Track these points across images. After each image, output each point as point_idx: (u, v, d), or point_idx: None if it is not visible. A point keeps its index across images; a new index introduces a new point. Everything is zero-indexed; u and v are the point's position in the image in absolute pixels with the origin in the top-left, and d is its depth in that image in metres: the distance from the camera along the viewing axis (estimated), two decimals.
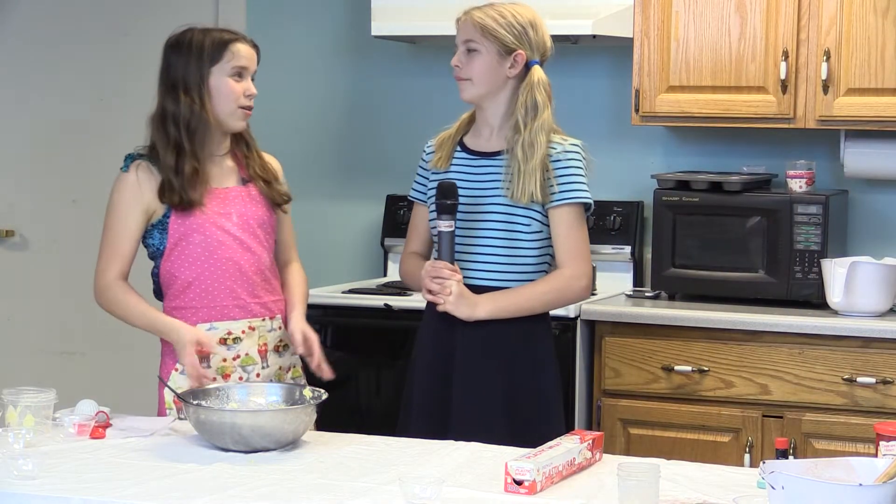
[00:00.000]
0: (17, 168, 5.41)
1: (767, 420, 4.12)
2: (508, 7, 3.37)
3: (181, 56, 3.38)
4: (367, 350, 4.40)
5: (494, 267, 3.33)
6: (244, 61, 3.34)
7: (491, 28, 3.31)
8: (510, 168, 3.31)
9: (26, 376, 4.08)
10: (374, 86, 5.13)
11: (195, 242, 3.31)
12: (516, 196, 3.29)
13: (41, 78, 5.39)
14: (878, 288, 4.14)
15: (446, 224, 3.28)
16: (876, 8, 4.22)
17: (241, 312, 3.34)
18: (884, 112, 4.23)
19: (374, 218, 5.06)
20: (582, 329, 4.25)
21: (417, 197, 3.51)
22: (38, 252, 5.42)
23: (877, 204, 4.58)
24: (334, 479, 2.74)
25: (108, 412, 3.13)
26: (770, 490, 2.35)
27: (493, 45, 3.31)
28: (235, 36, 3.38)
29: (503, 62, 3.32)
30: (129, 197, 3.34)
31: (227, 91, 3.32)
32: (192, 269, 3.32)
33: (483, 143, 3.40)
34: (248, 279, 3.35)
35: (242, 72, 3.34)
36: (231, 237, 3.33)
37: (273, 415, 2.99)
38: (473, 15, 3.35)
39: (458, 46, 3.37)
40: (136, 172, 3.35)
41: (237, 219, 3.35)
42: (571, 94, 4.62)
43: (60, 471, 2.76)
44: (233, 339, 3.33)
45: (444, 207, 3.28)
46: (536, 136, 3.29)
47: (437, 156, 3.44)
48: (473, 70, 3.33)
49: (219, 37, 3.37)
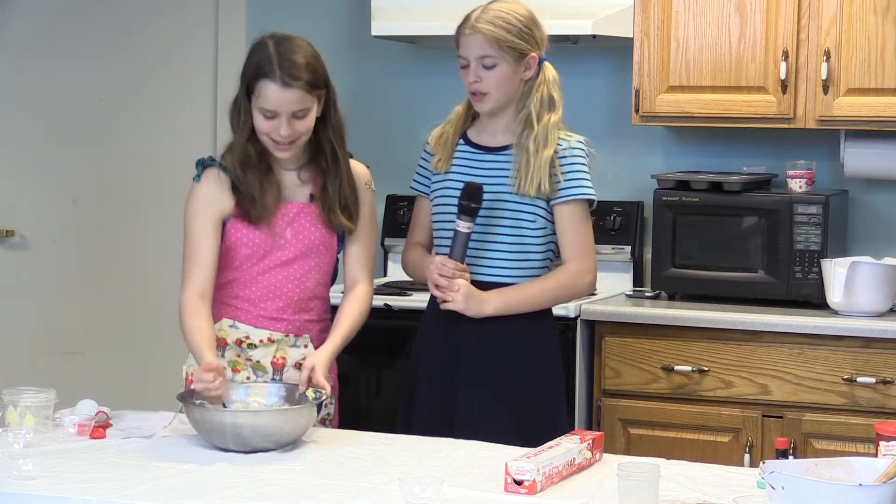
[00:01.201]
0: (17, 168, 5.41)
1: (767, 420, 4.12)
2: (507, 9, 3.33)
3: (246, 59, 3.25)
4: (367, 350, 4.39)
5: (503, 264, 3.33)
6: (270, 105, 3.16)
7: (505, 39, 3.27)
8: (518, 161, 3.31)
9: (26, 376, 4.08)
10: (374, 86, 5.13)
11: (241, 254, 3.27)
12: (523, 188, 3.28)
13: (41, 78, 5.39)
14: (878, 288, 4.14)
15: (465, 226, 3.27)
16: (876, 8, 4.22)
17: (266, 323, 3.29)
18: (884, 112, 4.23)
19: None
20: (582, 329, 4.25)
21: (420, 189, 3.50)
22: (38, 252, 5.42)
23: (877, 204, 4.58)
24: (334, 479, 2.74)
25: (108, 412, 3.13)
26: (770, 490, 2.35)
27: (509, 56, 3.29)
28: (271, 73, 3.15)
29: (519, 68, 3.31)
30: (202, 208, 3.26)
31: (257, 124, 3.22)
32: (232, 273, 3.29)
33: (489, 137, 3.39)
34: (284, 297, 3.29)
35: (271, 114, 3.18)
36: (276, 257, 3.27)
37: (273, 415, 2.99)
38: (483, 29, 3.29)
39: (465, 60, 3.31)
40: (208, 181, 3.27)
41: (291, 236, 3.28)
42: (571, 94, 4.58)
43: (60, 471, 2.76)
44: (248, 343, 3.29)
45: (468, 209, 3.27)
46: (551, 131, 3.30)
47: (436, 157, 3.43)
48: (492, 83, 3.30)
49: (259, 66, 3.18)
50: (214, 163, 3.29)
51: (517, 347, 3.31)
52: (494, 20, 3.29)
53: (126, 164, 5.39)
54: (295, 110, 3.18)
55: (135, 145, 5.39)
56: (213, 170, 3.28)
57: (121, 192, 5.39)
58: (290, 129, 3.18)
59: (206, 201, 3.26)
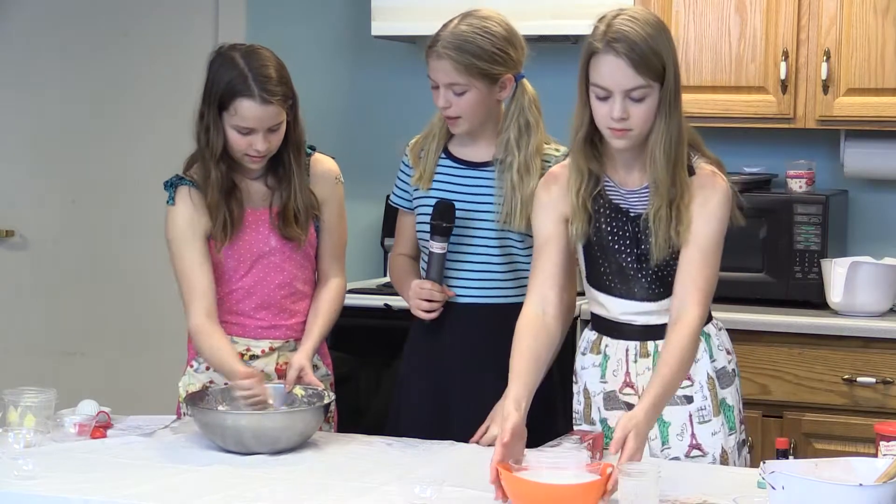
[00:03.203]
0: (17, 168, 5.41)
1: (767, 420, 4.12)
2: (479, 29, 3.13)
3: (209, 75, 3.19)
4: (366, 350, 4.40)
5: (491, 284, 3.23)
6: (248, 122, 3.11)
7: (475, 66, 3.11)
8: (502, 188, 3.17)
9: (27, 376, 4.08)
10: (374, 86, 5.13)
11: (229, 267, 3.25)
12: (512, 224, 3.16)
13: (41, 78, 5.39)
14: (878, 288, 4.15)
15: (439, 246, 3.18)
16: (876, 8, 4.22)
17: (264, 333, 3.28)
18: (884, 112, 4.23)
19: (373, 218, 5.06)
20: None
21: (400, 204, 3.38)
22: (38, 252, 5.42)
23: (877, 204, 4.58)
24: (334, 479, 2.74)
25: (108, 412, 3.13)
26: (770, 490, 2.35)
27: (479, 82, 3.13)
28: (247, 90, 3.10)
29: (492, 90, 3.16)
30: (188, 232, 3.20)
31: (231, 140, 3.16)
32: (224, 286, 3.27)
33: (471, 151, 3.26)
34: (276, 304, 3.28)
35: (247, 131, 3.13)
36: (261, 266, 3.26)
37: (276, 417, 2.99)
38: (451, 56, 3.11)
39: (436, 83, 3.15)
40: (184, 202, 3.21)
41: (275, 243, 3.26)
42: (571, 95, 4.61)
43: (61, 471, 2.77)
44: (250, 355, 3.27)
45: (439, 229, 3.18)
46: (532, 160, 3.16)
47: (416, 174, 3.29)
48: (464, 109, 3.14)
49: (233, 84, 3.11)
50: (184, 181, 3.24)
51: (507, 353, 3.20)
52: (463, 46, 3.11)
53: (126, 164, 5.39)
54: (271, 125, 3.15)
55: (134, 145, 5.39)
56: (183, 189, 3.23)
57: (121, 192, 5.39)
58: (266, 143, 3.15)
59: (189, 225, 3.20)
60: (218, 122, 3.16)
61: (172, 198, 3.23)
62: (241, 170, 3.24)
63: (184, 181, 3.24)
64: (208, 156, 3.19)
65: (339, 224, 3.39)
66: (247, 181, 3.27)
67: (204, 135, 3.19)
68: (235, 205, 3.22)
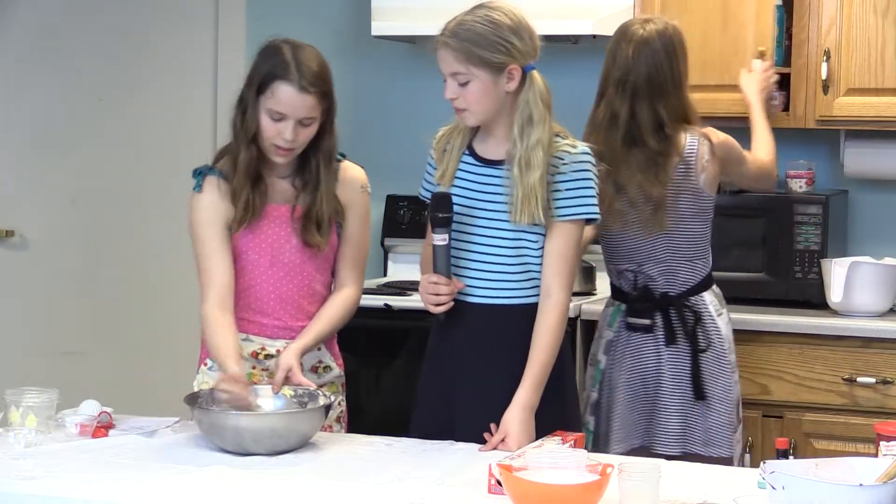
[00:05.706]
0: (17, 168, 5.41)
1: (767, 420, 4.12)
2: (482, 18, 3.10)
3: (255, 62, 3.22)
4: (367, 350, 4.40)
5: (505, 285, 3.18)
6: (283, 107, 3.14)
7: (474, 55, 3.07)
8: (510, 184, 3.13)
9: (27, 376, 4.08)
10: (374, 86, 5.13)
11: (238, 265, 3.26)
12: (517, 219, 3.11)
13: (41, 78, 5.39)
14: (878, 288, 4.15)
15: (440, 238, 3.14)
16: (876, 8, 4.23)
17: (279, 332, 3.29)
18: (884, 112, 4.23)
19: (373, 218, 5.03)
20: (582, 329, 4.24)
21: (428, 198, 3.32)
22: (38, 252, 5.42)
23: (877, 204, 4.58)
24: (334, 480, 2.74)
25: (110, 412, 3.13)
26: (770, 490, 2.35)
27: (482, 71, 3.08)
28: (289, 76, 3.15)
29: (498, 80, 3.09)
30: (210, 219, 3.24)
31: (262, 125, 3.19)
32: (245, 280, 3.28)
33: (490, 148, 3.22)
34: (293, 303, 3.29)
35: (279, 116, 3.16)
36: (281, 263, 3.27)
37: (278, 418, 2.99)
38: (450, 45, 3.09)
39: (443, 74, 3.13)
40: (210, 190, 3.24)
41: (283, 240, 3.27)
42: (571, 94, 4.59)
43: (62, 471, 2.77)
44: (265, 354, 3.28)
45: (437, 220, 3.14)
46: (533, 152, 3.09)
47: (440, 171, 3.26)
48: (469, 99, 3.10)
49: (275, 68, 3.16)
50: (213, 171, 3.27)
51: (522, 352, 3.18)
52: (463, 33, 3.08)
53: (126, 165, 5.39)
54: (304, 117, 3.17)
55: (134, 145, 5.39)
56: (212, 178, 3.26)
57: (121, 192, 5.39)
58: (294, 134, 3.17)
59: (213, 212, 3.24)
60: (255, 105, 3.19)
61: (200, 185, 3.26)
62: (269, 165, 3.26)
63: (213, 171, 3.27)
64: (241, 137, 3.22)
65: (362, 234, 3.39)
66: (273, 178, 3.29)
67: (240, 117, 3.22)
68: (258, 195, 3.25)
